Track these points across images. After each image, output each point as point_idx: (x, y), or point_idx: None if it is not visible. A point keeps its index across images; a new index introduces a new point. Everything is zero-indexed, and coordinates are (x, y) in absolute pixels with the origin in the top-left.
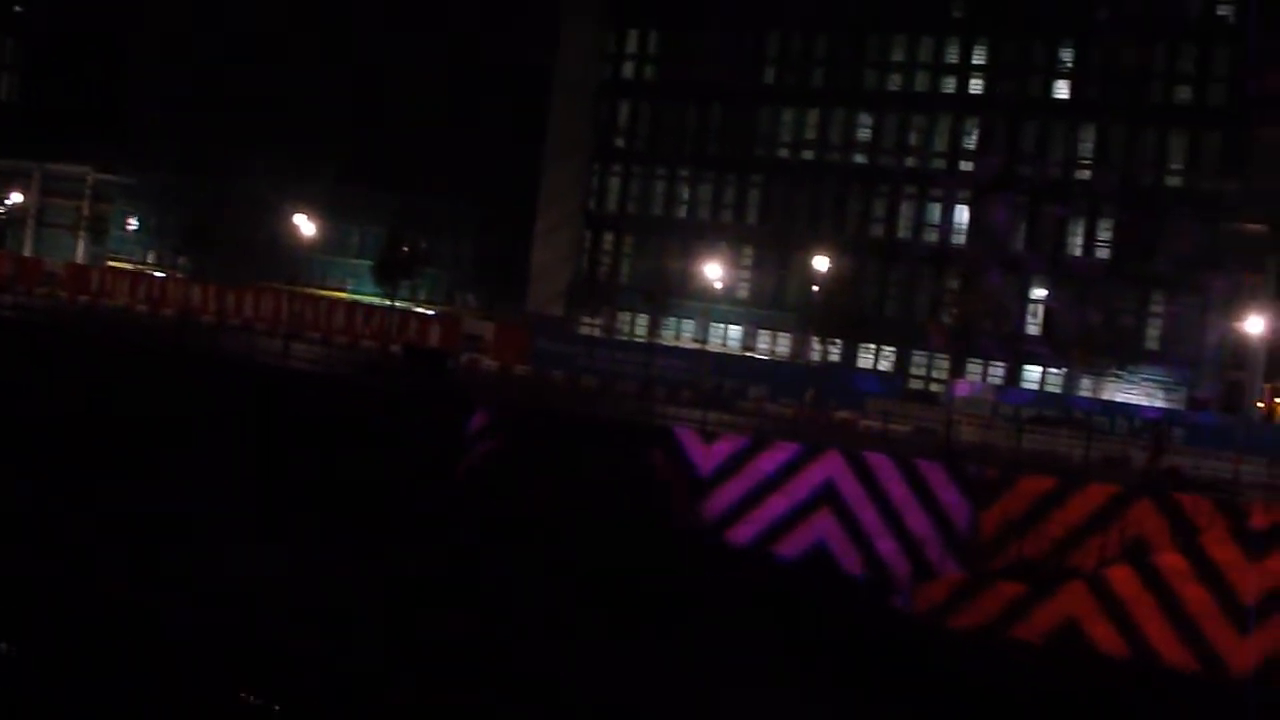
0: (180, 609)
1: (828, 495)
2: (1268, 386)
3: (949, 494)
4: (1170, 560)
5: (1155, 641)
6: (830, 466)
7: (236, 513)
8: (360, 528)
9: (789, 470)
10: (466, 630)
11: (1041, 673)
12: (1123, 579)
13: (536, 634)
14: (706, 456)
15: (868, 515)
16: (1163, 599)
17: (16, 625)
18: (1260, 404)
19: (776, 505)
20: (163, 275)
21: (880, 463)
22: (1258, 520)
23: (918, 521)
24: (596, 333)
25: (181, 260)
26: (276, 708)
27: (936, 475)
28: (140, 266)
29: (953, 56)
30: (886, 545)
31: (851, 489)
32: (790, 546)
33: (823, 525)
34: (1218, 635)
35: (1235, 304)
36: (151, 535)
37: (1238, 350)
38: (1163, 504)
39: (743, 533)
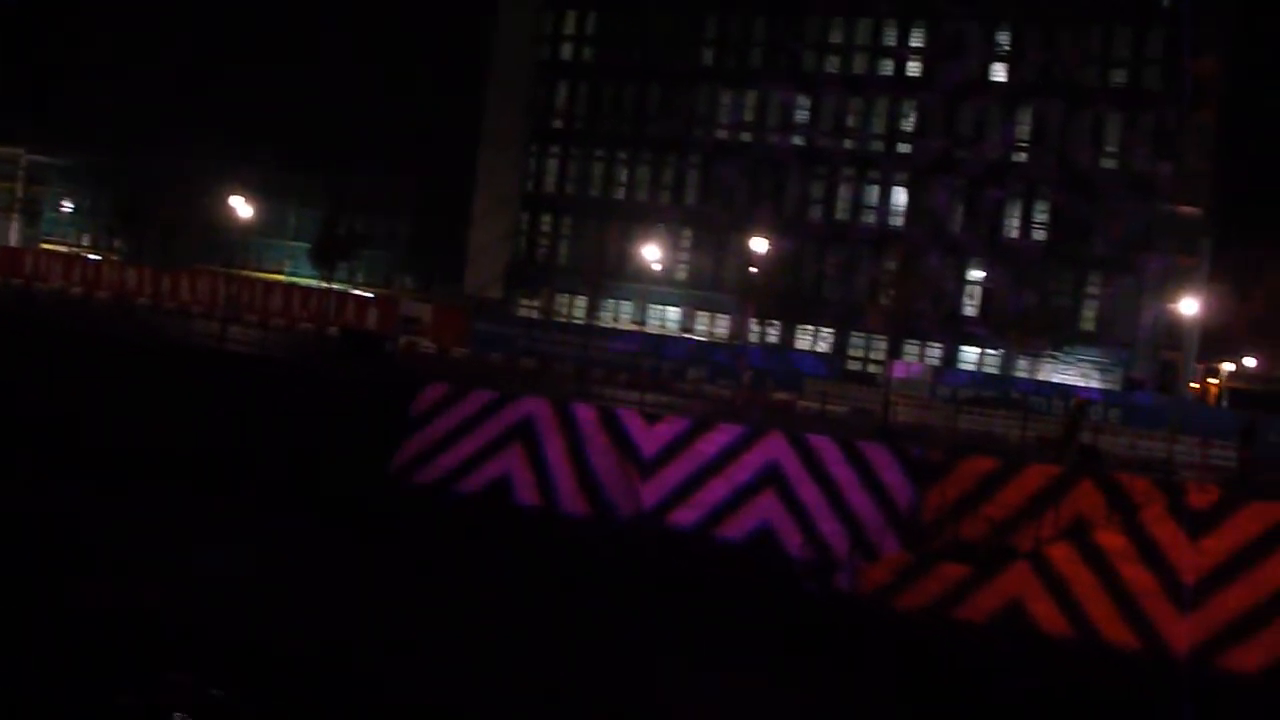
0: (106, 594)
1: (771, 477)
2: (1201, 366)
3: (892, 475)
4: (1110, 539)
5: (1097, 620)
6: (773, 448)
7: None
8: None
9: (732, 453)
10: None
11: (987, 652)
12: (1064, 558)
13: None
14: (649, 439)
15: (811, 497)
16: (1104, 578)
17: None
18: (1194, 384)
19: (719, 488)
20: (98, 258)
21: (823, 444)
22: (1195, 499)
23: (861, 503)
24: (535, 315)
25: (117, 243)
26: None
27: (880, 456)
28: (75, 249)
29: (890, 39)
30: (831, 527)
31: (795, 471)
32: (735, 529)
33: (766, 506)
34: (1158, 614)
35: (1170, 285)
36: (71, 523)
37: (1172, 331)
38: (1102, 484)
39: (685, 516)
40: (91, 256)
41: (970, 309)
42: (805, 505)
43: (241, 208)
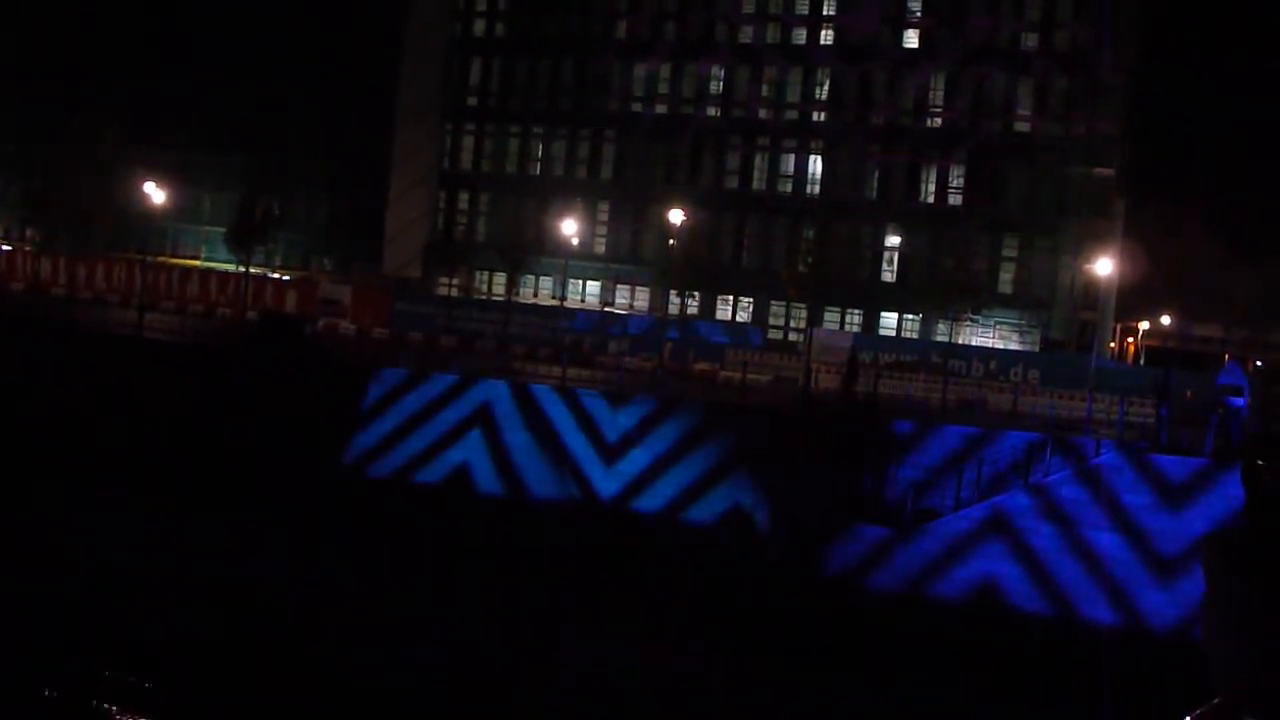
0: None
1: None
2: (1118, 325)
3: None
4: None
5: None
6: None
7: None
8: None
9: None
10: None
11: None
12: None
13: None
14: (614, 423)
15: None
16: None
17: None
18: (1112, 344)
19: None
20: (9, 248)
21: None
22: None
23: None
24: (454, 293)
25: (29, 232)
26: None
27: None
28: None
29: (803, 7)
30: None
31: None
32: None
33: None
34: None
35: (1085, 246)
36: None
37: (1089, 291)
38: None
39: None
40: (4, 247)
41: (888, 275)
42: None
43: (155, 193)
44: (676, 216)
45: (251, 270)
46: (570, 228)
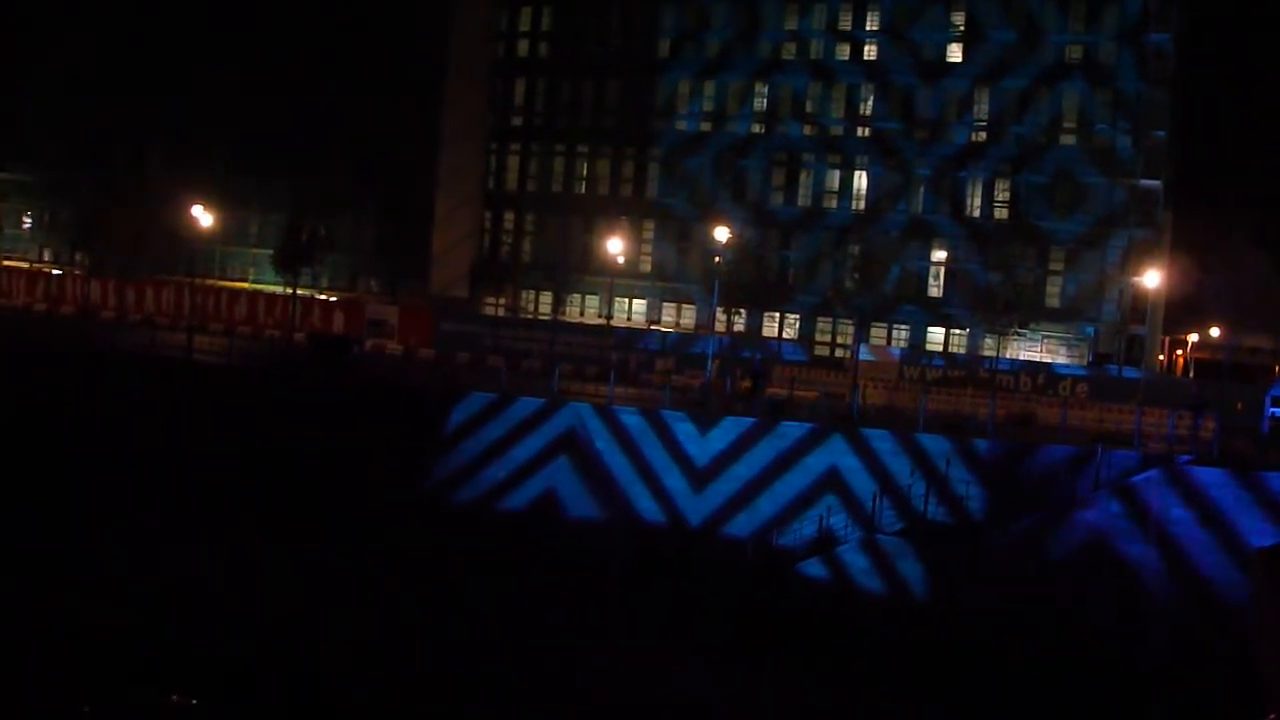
0: (100, 608)
1: None
2: (1165, 339)
3: None
4: None
5: None
6: None
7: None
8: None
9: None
10: None
11: None
12: None
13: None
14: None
15: None
16: None
17: None
18: (1160, 357)
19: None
20: (60, 272)
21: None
22: None
23: None
24: (500, 312)
25: (79, 256)
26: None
27: None
28: (36, 265)
29: (846, 23)
30: None
31: None
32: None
33: None
34: None
35: (1132, 259)
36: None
37: (1136, 304)
38: None
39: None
40: (54, 271)
41: (935, 289)
42: None
43: (202, 216)
44: (722, 234)
45: (299, 292)
46: (615, 246)
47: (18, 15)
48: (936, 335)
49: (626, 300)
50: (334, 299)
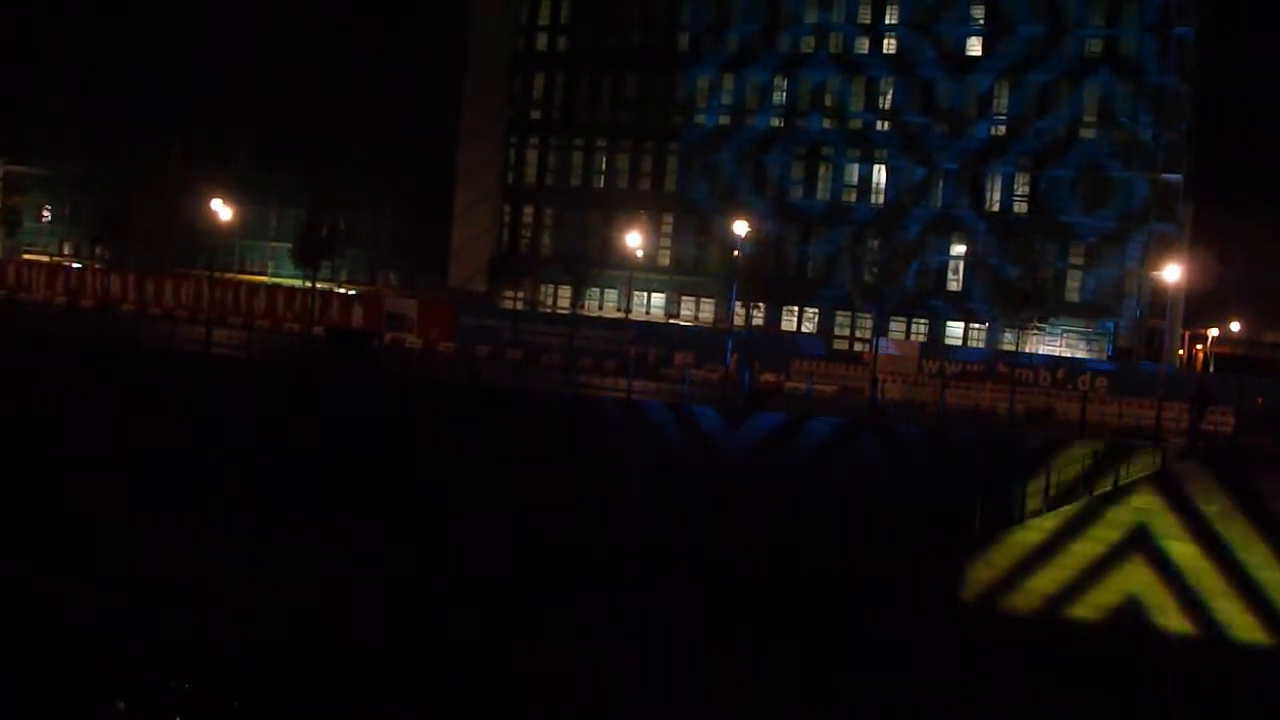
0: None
1: None
2: (1186, 333)
3: None
4: None
5: None
6: None
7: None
8: None
9: None
10: None
11: None
12: None
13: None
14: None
15: None
16: None
17: None
18: (1180, 351)
19: None
20: (80, 266)
21: None
22: None
23: None
24: (519, 306)
25: (98, 250)
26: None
27: None
28: (56, 258)
29: (865, 17)
30: None
31: None
32: None
33: None
34: None
35: (1152, 253)
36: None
37: (1157, 298)
38: None
39: None
40: (74, 265)
41: (954, 283)
42: None
43: (222, 210)
44: (741, 228)
45: (318, 285)
46: (634, 240)
47: (40, 10)
48: (956, 329)
49: (645, 294)
50: (353, 293)
